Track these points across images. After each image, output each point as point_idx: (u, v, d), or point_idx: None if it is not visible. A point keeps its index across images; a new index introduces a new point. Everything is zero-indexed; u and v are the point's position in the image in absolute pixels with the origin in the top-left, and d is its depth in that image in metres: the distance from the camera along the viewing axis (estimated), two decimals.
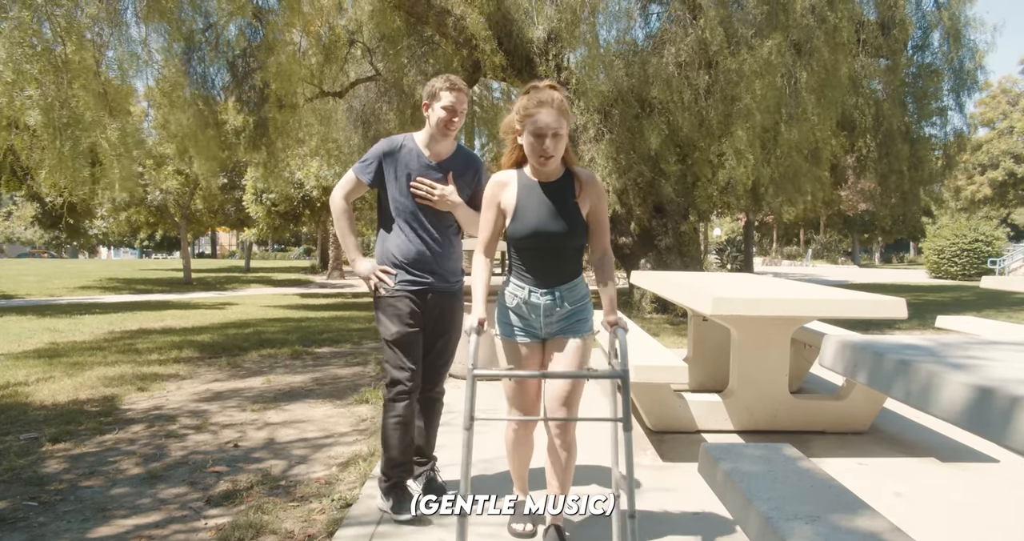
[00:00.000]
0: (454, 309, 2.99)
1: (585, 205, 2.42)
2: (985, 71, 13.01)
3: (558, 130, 2.29)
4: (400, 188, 2.85)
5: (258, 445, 3.98)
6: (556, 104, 2.30)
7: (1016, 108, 46.94)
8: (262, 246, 58.29)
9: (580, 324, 2.48)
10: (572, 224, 2.38)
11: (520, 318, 2.51)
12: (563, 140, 2.31)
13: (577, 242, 2.41)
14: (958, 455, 3.71)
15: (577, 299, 2.47)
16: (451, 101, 2.77)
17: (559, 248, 2.40)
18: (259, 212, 17.12)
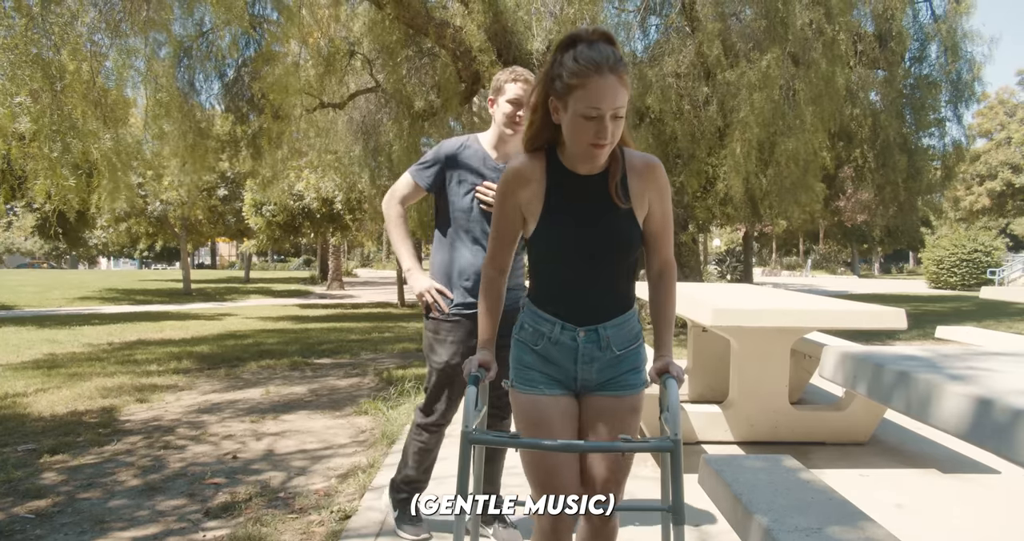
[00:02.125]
0: None
1: (643, 205, 1.69)
2: (983, 83, 13.08)
3: (620, 109, 1.55)
4: (462, 194, 2.53)
5: (257, 456, 3.96)
6: (620, 70, 1.53)
7: (1014, 119, 47.13)
8: (262, 257, 58.32)
9: (631, 376, 1.76)
10: (623, 236, 1.67)
11: (547, 361, 1.76)
12: (623, 122, 1.58)
13: (629, 260, 1.71)
14: (959, 466, 3.70)
15: (628, 341, 1.74)
16: (517, 93, 2.45)
17: (604, 271, 1.69)
18: (259, 223, 17.14)
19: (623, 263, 1.70)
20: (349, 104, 13.02)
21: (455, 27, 9.57)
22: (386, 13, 9.80)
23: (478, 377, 1.70)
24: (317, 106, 12.21)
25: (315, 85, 11.59)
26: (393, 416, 4.76)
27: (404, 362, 7.47)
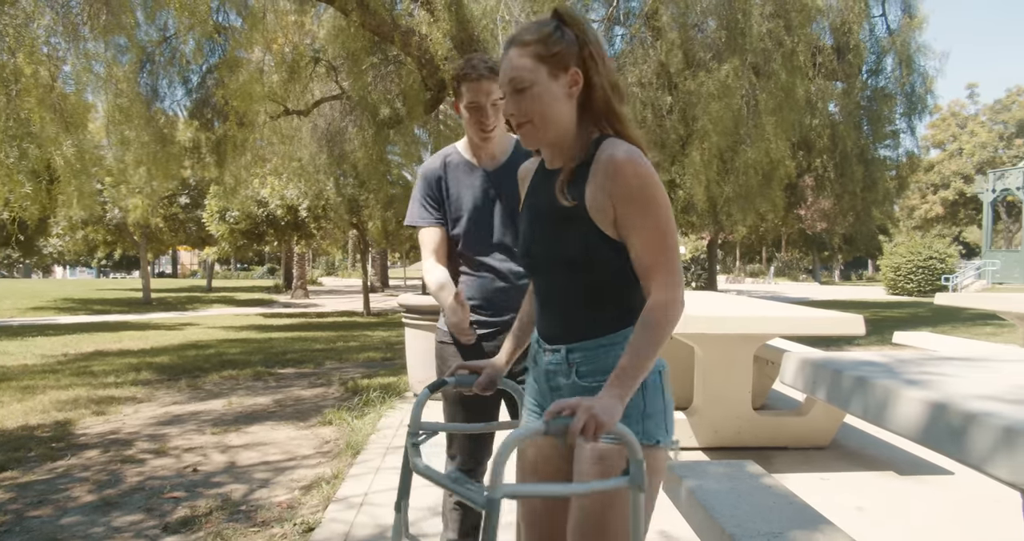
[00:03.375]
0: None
1: (603, 211, 1.34)
2: (935, 95, 13.50)
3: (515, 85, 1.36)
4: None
5: (218, 469, 3.88)
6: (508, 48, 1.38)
7: (964, 131, 48.74)
8: (224, 265, 57.34)
9: None
10: (570, 245, 1.38)
11: (533, 383, 1.56)
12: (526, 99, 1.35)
13: (594, 275, 1.39)
14: (915, 469, 3.78)
15: (603, 372, 1.38)
16: (472, 97, 2.01)
17: (566, 283, 1.43)
18: (221, 230, 16.85)
19: (587, 277, 1.39)
20: (314, 111, 12.90)
21: (421, 35, 9.56)
22: (351, 20, 9.75)
23: (444, 382, 1.57)
24: (282, 113, 12.08)
25: (279, 92, 11.47)
26: (358, 426, 4.70)
27: (370, 371, 7.40)
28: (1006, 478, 1.27)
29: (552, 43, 1.33)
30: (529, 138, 1.39)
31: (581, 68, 1.34)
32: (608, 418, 1.16)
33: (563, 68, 1.33)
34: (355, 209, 14.88)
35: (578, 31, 1.34)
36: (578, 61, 1.34)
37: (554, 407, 1.17)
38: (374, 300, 20.91)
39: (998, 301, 5.86)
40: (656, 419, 1.38)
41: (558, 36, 1.33)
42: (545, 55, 1.33)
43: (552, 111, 1.35)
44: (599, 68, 1.34)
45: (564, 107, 1.35)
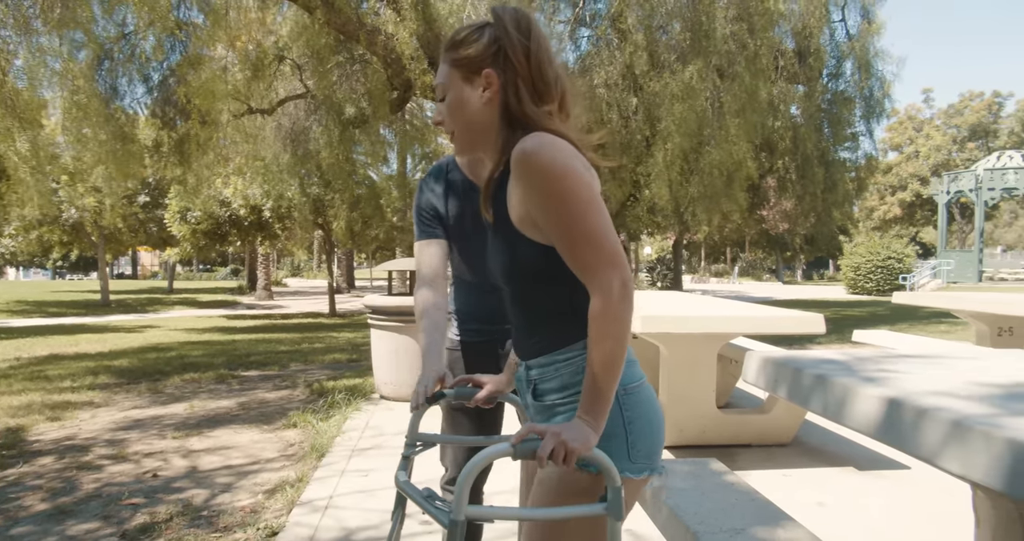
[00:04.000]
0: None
1: (521, 213, 1.26)
2: (892, 99, 13.87)
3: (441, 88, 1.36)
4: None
5: (179, 474, 3.80)
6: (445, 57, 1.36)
7: (920, 134, 50.04)
8: (187, 266, 56.28)
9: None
10: (502, 254, 1.32)
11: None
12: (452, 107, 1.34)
13: (536, 287, 1.30)
14: (874, 464, 3.87)
15: (559, 389, 1.31)
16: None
17: (511, 296, 1.36)
18: (182, 231, 16.52)
19: (529, 288, 1.30)
20: (278, 110, 12.74)
21: (387, 34, 9.50)
22: (316, 18, 9.65)
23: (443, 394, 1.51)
24: (245, 112, 11.90)
25: (243, 90, 11.30)
26: (323, 428, 4.65)
27: (335, 373, 7.33)
28: (956, 471, 1.30)
29: (466, 46, 1.29)
30: (457, 147, 1.35)
31: (497, 68, 1.27)
32: (579, 444, 1.11)
33: (476, 71, 1.29)
34: (320, 209, 14.72)
35: (499, 29, 1.27)
36: (493, 61, 1.27)
37: (524, 430, 1.14)
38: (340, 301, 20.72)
39: (952, 300, 6.03)
40: (611, 445, 1.22)
41: (474, 38, 1.29)
42: (458, 59, 1.30)
43: (465, 117, 1.31)
44: (514, 66, 1.26)
45: (479, 112, 1.30)
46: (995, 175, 29.82)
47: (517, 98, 1.26)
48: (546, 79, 1.28)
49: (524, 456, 1.13)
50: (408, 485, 1.32)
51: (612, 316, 1.15)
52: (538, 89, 1.27)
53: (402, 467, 1.41)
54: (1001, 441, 1.19)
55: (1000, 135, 49.57)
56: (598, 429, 1.16)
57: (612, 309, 1.15)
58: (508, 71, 1.27)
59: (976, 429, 1.25)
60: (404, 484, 1.32)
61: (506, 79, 1.27)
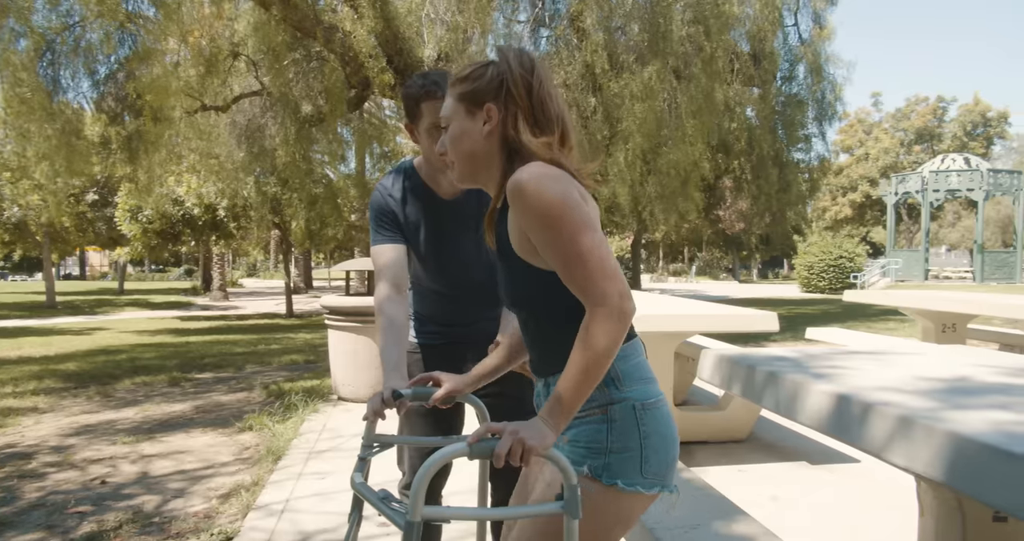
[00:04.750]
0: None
1: (520, 239, 1.31)
2: (843, 103, 14.27)
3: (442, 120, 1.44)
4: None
5: (129, 480, 3.70)
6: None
7: (870, 137, 51.47)
8: (138, 267, 54.80)
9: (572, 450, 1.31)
10: (510, 282, 1.38)
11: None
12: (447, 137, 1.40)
13: (541, 308, 1.35)
14: (825, 458, 3.96)
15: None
16: (436, 118, 1.81)
17: (520, 316, 1.42)
18: (133, 230, 16.06)
19: (540, 310, 1.35)
20: (233, 107, 12.48)
21: (344, 32, 9.39)
22: (272, 14, 9.49)
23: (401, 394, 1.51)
24: (198, 108, 11.63)
25: (196, 87, 11.04)
26: (280, 431, 4.58)
27: (292, 375, 7.22)
28: (902, 464, 1.34)
29: (472, 80, 1.35)
30: (457, 177, 1.40)
31: (498, 103, 1.32)
32: (536, 442, 1.13)
33: (479, 105, 1.34)
34: (277, 208, 14.47)
35: (503, 66, 1.33)
36: (495, 96, 1.32)
37: (482, 429, 1.15)
38: (297, 302, 20.42)
39: (899, 298, 6.21)
40: (625, 458, 1.25)
41: (479, 73, 1.35)
42: (463, 93, 1.35)
43: (464, 148, 1.36)
44: (515, 100, 1.31)
45: (479, 144, 1.35)
46: (940, 177, 30.84)
47: (516, 130, 1.31)
48: (547, 113, 1.33)
49: (480, 455, 1.13)
50: (364, 487, 1.30)
51: (603, 329, 1.17)
52: (538, 122, 1.32)
53: (358, 469, 1.39)
54: (942, 434, 1.23)
55: (944, 138, 51.29)
56: (556, 430, 1.17)
57: (604, 322, 1.17)
58: (509, 105, 1.32)
59: (919, 423, 1.29)
60: (360, 486, 1.31)
61: (507, 112, 1.32)
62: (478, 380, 1.58)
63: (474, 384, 1.58)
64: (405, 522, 1.11)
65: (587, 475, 1.25)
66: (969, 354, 2.27)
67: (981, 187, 29.92)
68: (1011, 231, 34.54)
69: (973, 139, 50.82)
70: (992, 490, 1.13)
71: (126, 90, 10.02)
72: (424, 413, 1.96)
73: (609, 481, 1.24)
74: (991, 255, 31.22)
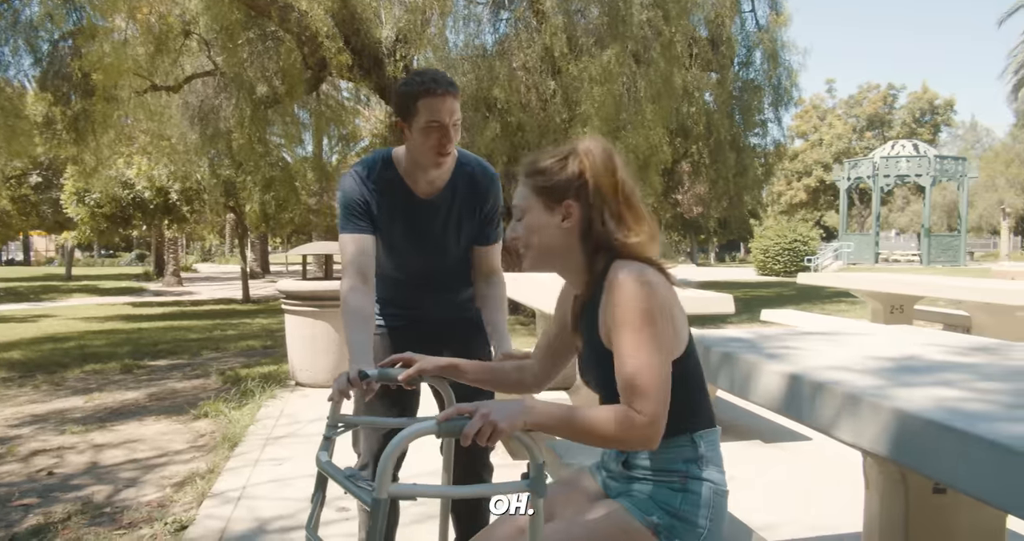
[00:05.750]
0: None
1: (606, 327, 1.41)
2: (799, 89, 14.47)
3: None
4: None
5: (78, 471, 3.61)
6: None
7: (824, 123, 52.47)
8: (86, 251, 53.17)
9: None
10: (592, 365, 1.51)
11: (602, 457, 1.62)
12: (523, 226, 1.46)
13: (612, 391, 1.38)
14: (778, 436, 4.06)
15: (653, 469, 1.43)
16: (433, 115, 1.83)
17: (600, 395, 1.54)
18: (80, 213, 15.53)
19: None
20: (185, 87, 12.13)
21: (300, 11, 9.18)
22: None
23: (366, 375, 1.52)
24: (148, 88, 11.27)
25: (145, 66, 10.68)
26: (236, 417, 4.51)
27: (249, 360, 7.11)
28: (849, 440, 1.38)
29: (551, 175, 1.37)
30: (527, 264, 1.44)
31: (580, 200, 1.35)
32: (506, 424, 1.14)
33: (558, 201, 1.36)
34: (232, 191, 14.15)
35: (582, 163, 1.36)
36: (575, 193, 1.35)
37: (452, 409, 1.16)
38: (254, 287, 20.07)
39: (850, 280, 6.38)
40: (688, 529, 1.31)
41: (558, 168, 1.37)
42: (542, 187, 1.37)
43: (542, 241, 1.39)
44: (599, 199, 1.34)
45: (557, 238, 1.38)
46: (890, 163, 31.64)
47: (604, 229, 1.34)
48: (635, 210, 1.37)
49: (448, 434, 1.14)
50: (330, 465, 1.30)
51: (624, 428, 1.20)
52: (624, 220, 1.35)
53: (324, 448, 1.38)
54: (888, 411, 1.26)
55: (894, 125, 52.58)
56: (528, 414, 1.18)
57: (629, 425, 1.20)
58: (592, 202, 1.35)
59: (866, 400, 1.33)
60: (326, 464, 1.30)
61: (591, 209, 1.35)
62: (448, 368, 1.58)
63: (444, 371, 1.58)
64: (372, 499, 1.10)
65: (650, 528, 1.29)
66: (915, 334, 2.34)
67: (928, 173, 30.82)
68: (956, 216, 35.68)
69: (921, 126, 52.21)
70: (933, 463, 1.17)
71: (71, 68, 9.64)
72: (381, 395, 1.95)
73: (668, 540, 1.30)
74: (937, 239, 32.25)
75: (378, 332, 2.10)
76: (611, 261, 1.33)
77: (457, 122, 1.87)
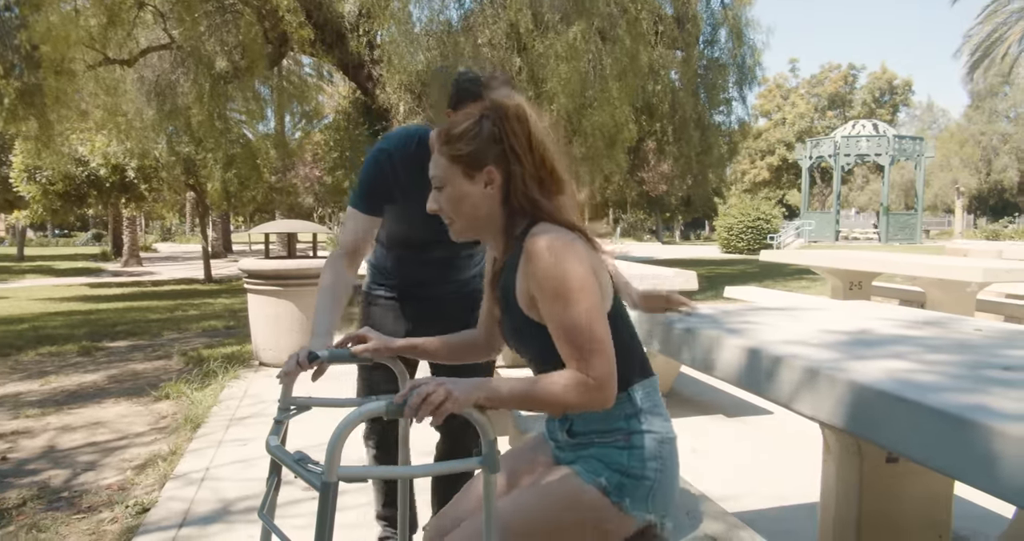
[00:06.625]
0: None
1: (525, 295, 1.34)
2: (763, 68, 14.63)
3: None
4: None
5: (34, 455, 3.53)
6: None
7: (787, 102, 53.03)
8: (39, 231, 51.62)
9: None
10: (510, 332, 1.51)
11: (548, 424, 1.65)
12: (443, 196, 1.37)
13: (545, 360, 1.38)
14: (740, 410, 4.15)
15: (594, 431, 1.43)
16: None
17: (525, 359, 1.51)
18: (32, 192, 15.02)
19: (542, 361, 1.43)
20: (140, 61, 11.74)
21: None
22: None
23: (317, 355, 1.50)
24: (101, 61, 10.88)
25: (97, 38, 10.30)
26: (198, 398, 4.45)
27: (212, 341, 7.00)
28: (808, 413, 1.40)
29: (467, 142, 1.31)
30: (455, 233, 1.39)
31: (500, 164, 1.30)
32: (461, 394, 1.14)
33: (477, 167, 1.31)
34: (191, 169, 13.81)
35: (498, 125, 1.30)
36: (496, 157, 1.30)
37: (407, 388, 1.15)
38: (216, 266, 19.72)
39: (811, 257, 6.49)
40: (637, 484, 1.30)
41: (474, 133, 1.31)
42: (458, 155, 1.31)
43: (465, 209, 1.34)
44: (521, 161, 1.29)
45: (480, 205, 1.33)
46: (850, 142, 32.18)
47: (526, 192, 1.31)
48: (551, 169, 1.32)
49: (397, 414, 1.13)
50: (279, 449, 1.28)
51: (576, 393, 1.21)
52: (544, 181, 1.31)
53: (274, 432, 1.36)
54: (843, 383, 1.29)
55: (855, 105, 53.39)
56: (482, 389, 1.18)
57: (581, 390, 1.21)
58: (513, 165, 1.30)
59: (823, 373, 1.35)
60: (275, 449, 1.29)
61: (510, 173, 1.30)
62: (407, 348, 1.57)
63: (400, 351, 1.56)
64: (321, 483, 1.10)
65: (599, 489, 1.29)
66: (872, 309, 2.39)
67: (887, 152, 31.42)
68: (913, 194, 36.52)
69: (881, 106, 53.11)
70: (887, 433, 1.20)
71: (19, 40, 9.26)
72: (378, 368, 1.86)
73: (617, 499, 1.29)
74: (895, 217, 32.99)
75: (380, 303, 2.15)
76: (530, 225, 1.30)
77: None
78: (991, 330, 1.89)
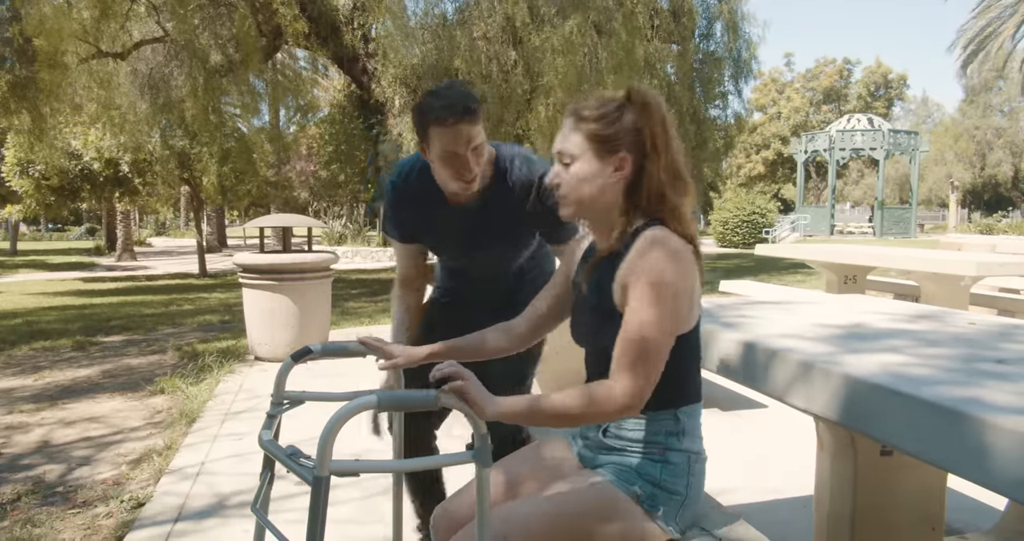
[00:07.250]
0: None
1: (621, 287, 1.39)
2: (758, 61, 14.57)
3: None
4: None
5: (28, 450, 3.52)
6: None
7: (782, 96, 53.05)
8: (33, 226, 51.41)
9: None
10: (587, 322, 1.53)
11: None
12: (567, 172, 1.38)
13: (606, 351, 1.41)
14: (735, 404, 4.16)
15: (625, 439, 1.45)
16: (447, 145, 1.68)
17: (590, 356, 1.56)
18: (25, 186, 14.93)
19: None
20: (133, 54, 11.67)
21: None
22: None
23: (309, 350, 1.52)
24: (94, 55, 10.81)
25: (90, 31, 10.23)
26: (193, 393, 4.44)
27: (207, 335, 6.99)
28: (801, 406, 1.41)
29: (607, 124, 1.30)
30: (567, 211, 1.37)
31: (634, 153, 1.30)
32: (478, 398, 1.18)
33: (612, 151, 1.30)
34: (186, 163, 13.75)
35: (640, 115, 1.30)
36: (632, 146, 1.30)
37: (444, 366, 1.20)
38: (211, 261, 19.65)
39: (806, 251, 6.51)
40: (669, 497, 1.33)
41: (615, 116, 1.30)
42: (596, 134, 1.30)
43: (585, 190, 1.32)
44: (657, 155, 1.29)
45: (603, 189, 1.32)
46: (845, 136, 32.22)
47: (658, 188, 1.30)
48: (680, 172, 1.32)
49: (389, 407, 1.14)
50: (272, 444, 1.28)
51: (603, 410, 1.23)
52: (679, 180, 1.32)
53: (267, 426, 1.37)
54: (838, 377, 1.29)
55: (850, 99, 53.43)
56: (498, 408, 1.20)
57: (611, 407, 1.22)
58: (648, 158, 1.30)
59: (817, 367, 1.36)
60: (268, 443, 1.29)
61: (643, 165, 1.30)
62: (429, 357, 1.55)
63: (424, 361, 1.55)
64: (313, 477, 1.10)
65: (633, 498, 1.31)
66: (866, 303, 2.40)
67: (882, 146, 31.47)
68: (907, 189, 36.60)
69: (876, 100, 53.17)
70: (881, 427, 1.20)
71: (11, 33, 9.19)
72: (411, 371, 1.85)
73: (651, 508, 1.31)
74: (889, 211, 33.06)
75: (435, 305, 2.20)
76: (648, 222, 1.30)
77: (478, 145, 1.70)
78: (985, 324, 1.89)
